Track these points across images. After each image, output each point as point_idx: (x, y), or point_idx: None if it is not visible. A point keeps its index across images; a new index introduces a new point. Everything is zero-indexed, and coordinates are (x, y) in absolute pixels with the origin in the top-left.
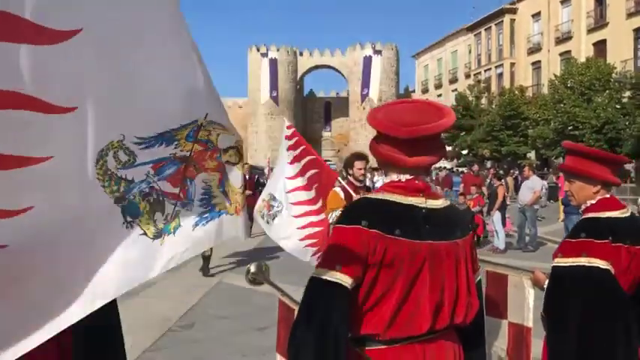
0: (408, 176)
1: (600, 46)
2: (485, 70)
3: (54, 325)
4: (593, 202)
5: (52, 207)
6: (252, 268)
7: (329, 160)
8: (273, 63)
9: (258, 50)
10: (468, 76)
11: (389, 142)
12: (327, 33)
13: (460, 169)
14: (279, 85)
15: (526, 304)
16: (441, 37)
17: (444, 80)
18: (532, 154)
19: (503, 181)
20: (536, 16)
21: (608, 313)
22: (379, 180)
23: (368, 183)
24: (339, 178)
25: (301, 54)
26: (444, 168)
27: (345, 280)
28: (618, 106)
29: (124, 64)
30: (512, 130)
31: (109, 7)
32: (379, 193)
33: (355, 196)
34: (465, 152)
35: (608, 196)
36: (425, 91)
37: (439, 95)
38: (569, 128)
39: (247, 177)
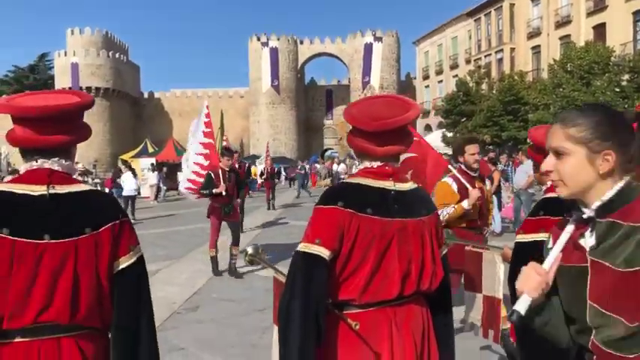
0: (379, 163)
1: (600, 30)
2: (485, 56)
3: None
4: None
5: None
6: (250, 250)
7: (331, 148)
8: (274, 52)
9: (258, 40)
10: (468, 61)
11: (362, 134)
12: (327, 21)
13: None
14: (280, 73)
15: (497, 277)
16: (441, 23)
17: (444, 66)
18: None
19: (510, 165)
20: (535, 0)
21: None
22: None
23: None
24: (450, 166)
25: (301, 42)
26: (445, 154)
27: (324, 252)
28: (617, 90)
29: None
30: (513, 115)
31: None
32: (354, 177)
33: (471, 190)
34: None
35: None
36: (426, 77)
37: (440, 81)
38: None
39: (238, 166)
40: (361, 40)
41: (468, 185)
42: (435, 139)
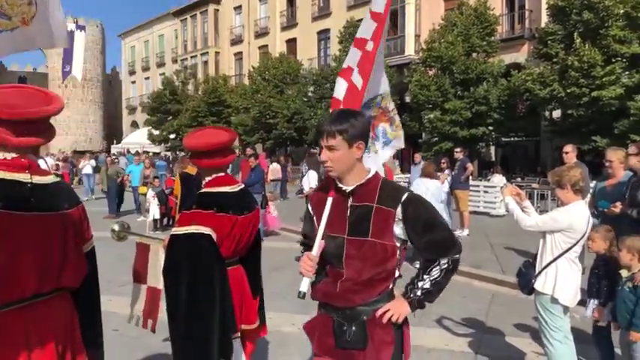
0: (13, 155)
1: (291, 44)
2: (191, 57)
3: None
4: (210, 179)
5: None
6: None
7: None
8: None
9: None
10: (175, 61)
11: None
12: None
13: (167, 154)
14: None
15: (159, 268)
16: (147, 19)
17: (151, 63)
18: (236, 142)
19: None
20: (238, 9)
21: (208, 265)
22: None
23: None
24: None
25: None
26: (154, 153)
27: None
28: (305, 99)
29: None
30: (217, 116)
31: None
32: None
33: None
34: (172, 137)
35: (222, 174)
36: (132, 72)
37: (147, 78)
38: (267, 117)
39: None
40: None
41: None
42: (141, 136)
